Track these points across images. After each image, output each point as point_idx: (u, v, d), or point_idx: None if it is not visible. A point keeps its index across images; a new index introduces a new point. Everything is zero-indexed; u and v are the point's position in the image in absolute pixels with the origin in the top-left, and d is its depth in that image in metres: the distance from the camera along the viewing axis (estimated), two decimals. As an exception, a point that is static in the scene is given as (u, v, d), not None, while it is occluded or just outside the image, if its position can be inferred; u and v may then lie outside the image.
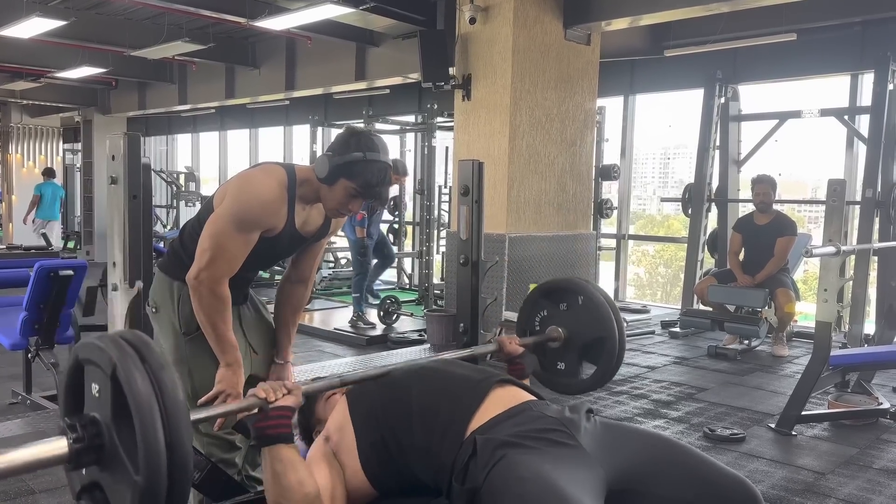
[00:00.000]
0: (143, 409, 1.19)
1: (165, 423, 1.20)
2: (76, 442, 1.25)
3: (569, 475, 1.40)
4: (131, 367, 1.21)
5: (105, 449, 1.27)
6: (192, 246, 2.06)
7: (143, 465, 1.18)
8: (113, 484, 1.29)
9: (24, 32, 7.45)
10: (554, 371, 2.34)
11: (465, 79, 5.86)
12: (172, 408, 1.21)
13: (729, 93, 6.68)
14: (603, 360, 2.25)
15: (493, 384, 1.66)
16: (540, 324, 2.36)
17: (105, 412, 1.26)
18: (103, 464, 1.29)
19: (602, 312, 2.23)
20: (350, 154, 1.93)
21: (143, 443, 1.18)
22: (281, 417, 1.57)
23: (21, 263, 5.41)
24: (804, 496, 2.88)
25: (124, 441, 1.24)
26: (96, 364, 1.28)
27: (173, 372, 1.27)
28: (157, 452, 1.18)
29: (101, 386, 1.27)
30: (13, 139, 14.42)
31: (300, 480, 1.55)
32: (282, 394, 1.59)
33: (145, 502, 1.20)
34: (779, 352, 5.50)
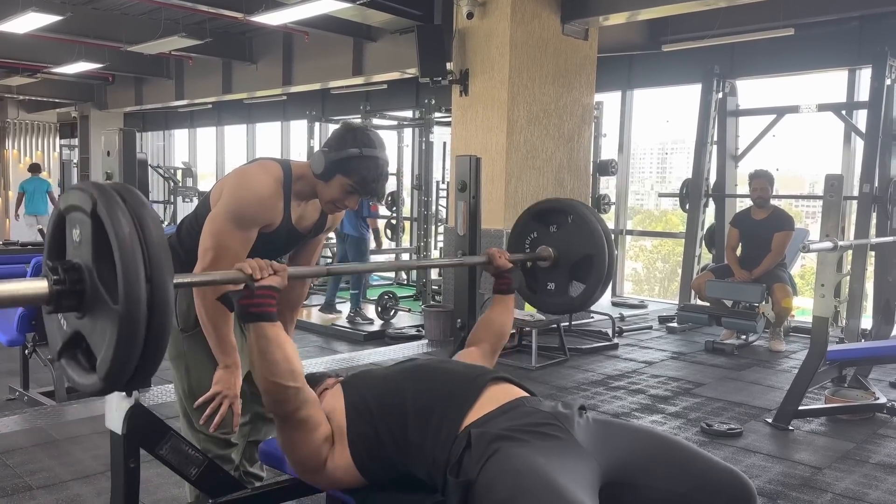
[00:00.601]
0: (122, 240, 1.19)
1: (145, 255, 1.21)
2: (57, 284, 1.26)
3: (563, 467, 1.40)
4: (112, 203, 1.22)
5: (86, 294, 1.28)
6: (189, 242, 2.06)
7: (122, 294, 1.19)
8: (93, 328, 1.29)
9: (20, 27, 7.43)
10: (544, 291, 2.36)
11: (463, 74, 5.85)
12: (152, 241, 1.22)
13: (726, 88, 6.67)
14: (592, 276, 2.25)
15: (488, 381, 1.66)
16: (530, 245, 2.38)
17: (86, 255, 1.27)
18: (83, 308, 1.29)
19: (591, 229, 2.23)
20: (346, 150, 1.92)
21: (122, 270, 1.19)
22: (265, 296, 1.58)
23: (18, 259, 5.41)
24: (801, 491, 2.89)
25: (105, 281, 1.24)
26: (77, 207, 1.28)
27: (153, 211, 1.28)
28: (137, 278, 1.19)
29: (82, 229, 1.27)
30: (9, 135, 14.40)
31: (286, 357, 1.57)
32: (268, 273, 1.59)
33: (125, 330, 1.20)
34: (776, 347, 5.50)
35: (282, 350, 1.57)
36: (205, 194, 2.13)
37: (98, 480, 2.79)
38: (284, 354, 1.57)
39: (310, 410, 1.63)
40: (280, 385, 1.57)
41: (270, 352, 1.56)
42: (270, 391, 1.59)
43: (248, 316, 1.57)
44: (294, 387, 1.58)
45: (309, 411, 1.63)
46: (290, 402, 1.59)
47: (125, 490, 1.62)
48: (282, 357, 1.56)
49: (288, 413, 1.60)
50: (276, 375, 1.56)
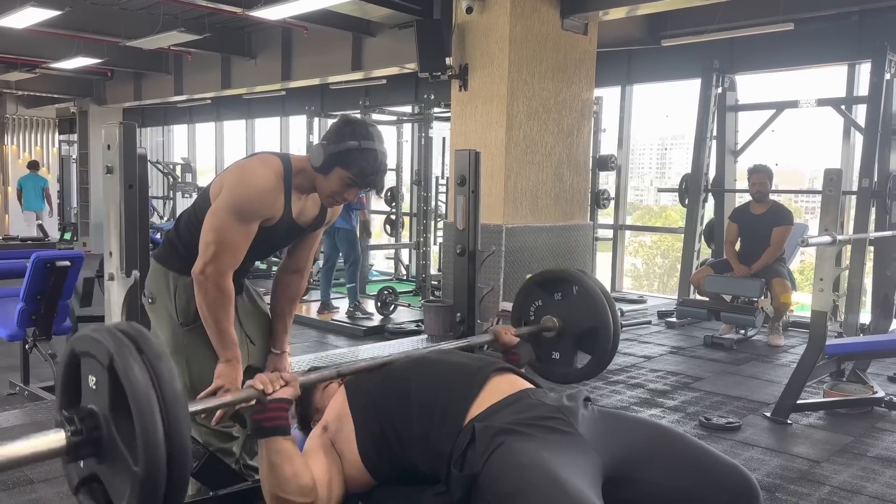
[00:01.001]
0: (141, 399, 1.19)
1: (164, 414, 1.20)
2: (74, 435, 1.25)
3: (566, 462, 1.41)
4: (129, 359, 1.21)
5: (103, 442, 1.27)
6: (188, 236, 2.06)
7: (142, 456, 1.18)
8: (111, 476, 1.29)
9: (18, 22, 7.41)
10: (549, 360, 2.36)
11: (462, 69, 5.84)
12: (171, 398, 1.21)
13: (726, 83, 6.67)
14: (597, 349, 2.26)
15: (491, 373, 1.66)
16: (535, 314, 2.37)
17: (103, 404, 1.26)
18: (101, 456, 1.29)
19: (596, 302, 2.24)
20: (345, 143, 1.93)
21: (141, 433, 1.18)
22: (278, 410, 1.58)
23: (18, 254, 5.41)
24: (799, 484, 2.90)
25: (122, 433, 1.24)
26: (93, 356, 1.28)
27: (171, 362, 1.27)
28: (156, 443, 1.18)
29: (99, 378, 1.26)
30: (8, 130, 14.38)
31: (296, 472, 1.56)
32: (279, 385, 1.59)
33: (145, 492, 1.20)
34: (775, 341, 5.52)
35: (292, 465, 1.56)
36: (204, 189, 2.13)
37: (99, 474, 2.79)
38: (294, 470, 1.56)
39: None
40: (289, 501, 1.56)
41: (282, 467, 1.55)
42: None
43: (262, 431, 1.58)
44: (304, 503, 1.58)
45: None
46: None
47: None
48: (291, 473, 1.56)
49: None
50: (285, 492, 1.56)
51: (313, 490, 1.58)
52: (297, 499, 1.56)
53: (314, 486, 1.59)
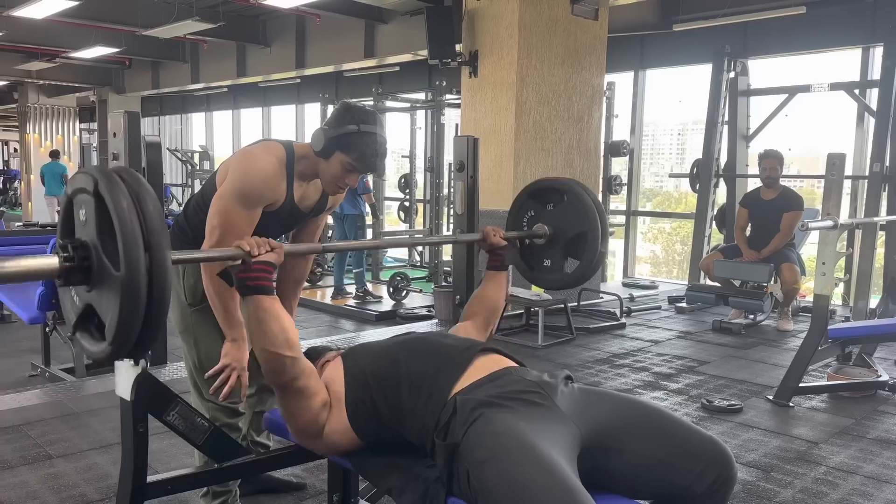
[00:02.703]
0: (121, 213, 1.29)
1: (143, 227, 1.30)
2: (66, 260, 1.37)
3: (542, 431, 1.47)
4: (111, 181, 1.33)
5: (93, 269, 1.38)
6: (196, 220, 2.14)
7: (122, 260, 1.29)
8: (101, 297, 1.39)
9: (37, 13, 7.55)
10: (540, 267, 2.42)
11: (472, 55, 5.88)
12: (150, 214, 1.32)
13: (738, 67, 6.64)
14: (586, 254, 2.30)
15: (477, 352, 1.73)
16: (528, 223, 2.43)
17: (91, 233, 1.38)
18: (92, 282, 1.40)
19: (585, 208, 2.28)
20: (345, 127, 1.98)
21: (122, 240, 1.28)
22: (262, 271, 1.66)
23: (37, 240, 5.55)
24: (795, 464, 2.95)
25: (109, 254, 1.34)
26: (83, 189, 1.39)
27: (150, 188, 1.37)
28: (136, 246, 1.29)
29: (87, 208, 1.38)
30: (30, 119, 14.61)
31: (282, 327, 1.65)
32: (265, 249, 1.67)
33: (126, 295, 1.29)
34: (783, 326, 5.53)
35: (278, 321, 1.64)
36: (210, 175, 2.21)
37: (114, 450, 2.91)
38: (281, 325, 1.64)
39: (307, 379, 1.71)
40: (277, 354, 1.65)
41: (267, 323, 1.63)
42: (268, 361, 1.66)
43: (245, 289, 1.65)
44: (290, 356, 1.66)
45: (306, 380, 1.71)
46: (287, 372, 1.67)
47: (135, 452, 1.71)
48: (278, 328, 1.64)
49: (286, 382, 1.68)
50: (273, 346, 1.64)
51: (298, 348, 1.68)
52: (285, 351, 1.65)
53: (297, 342, 1.69)
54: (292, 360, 1.67)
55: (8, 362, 4.82)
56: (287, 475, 2.66)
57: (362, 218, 6.83)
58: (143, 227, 1.31)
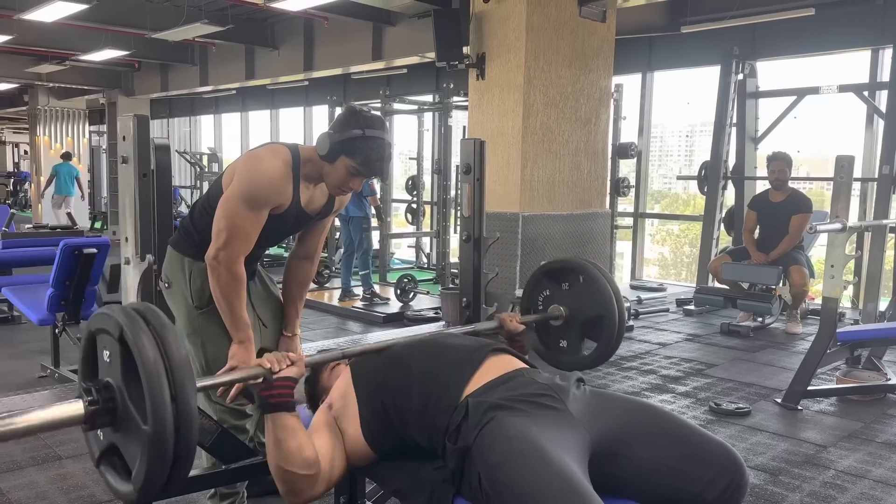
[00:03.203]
0: (148, 364, 1.30)
1: (170, 377, 1.31)
2: (91, 404, 1.37)
3: (553, 436, 1.48)
4: (137, 329, 1.33)
5: (118, 411, 1.38)
6: (202, 223, 2.15)
7: (150, 416, 1.29)
8: (127, 442, 1.40)
9: (48, 16, 7.60)
10: (557, 349, 2.41)
11: (479, 58, 5.87)
12: (176, 363, 1.33)
13: (746, 69, 6.63)
14: (603, 336, 2.31)
15: (488, 353, 1.73)
16: (543, 303, 2.43)
17: (116, 375, 1.38)
18: (117, 424, 1.40)
19: (602, 291, 2.29)
20: (349, 131, 1.99)
21: (149, 395, 1.29)
22: (284, 387, 1.67)
23: (48, 242, 5.59)
24: (803, 468, 2.94)
25: (135, 400, 1.35)
26: (106, 331, 1.39)
27: (175, 331, 1.38)
28: (163, 402, 1.29)
29: (111, 351, 1.38)
30: (40, 121, 14.70)
31: (300, 446, 1.65)
32: (286, 364, 1.68)
33: (154, 450, 1.30)
34: (792, 329, 5.51)
35: (296, 440, 1.64)
36: (216, 178, 2.22)
37: (123, 451, 2.92)
38: (298, 444, 1.64)
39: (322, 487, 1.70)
40: (294, 474, 1.65)
41: (286, 442, 1.63)
42: (285, 479, 1.66)
43: (268, 407, 1.66)
44: (307, 475, 1.65)
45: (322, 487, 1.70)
46: (303, 491, 1.67)
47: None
48: (296, 447, 1.64)
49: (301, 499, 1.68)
50: (290, 464, 1.64)
51: (316, 463, 1.67)
52: (301, 471, 1.65)
53: (317, 460, 1.67)
54: (308, 478, 1.66)
55: (17, 363, 4.85)
56: (294, 477, 2.66)
57: (368, 220, 6.85)
58: (169, 378, 1.31)
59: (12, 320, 5.99)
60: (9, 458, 2.88)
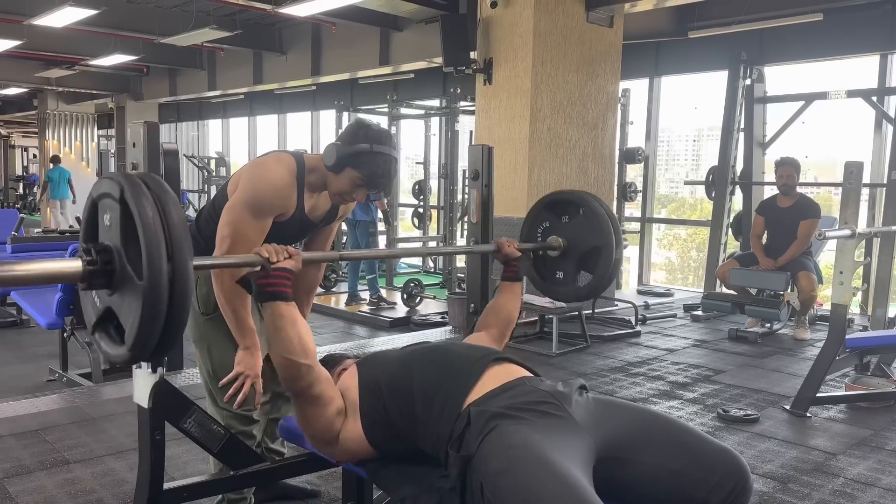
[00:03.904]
0: (146, 223, 1.31)
1: (167, 236, 1.32)
2: (90, 264, 1.39)
3: (557, 443, 1.47)
4: (137, 190, 1.35)
5: (115, 273, 1.40)
6: (208, 230, 2.16)
7: (146, 271, 1.30)
8: (122, 303, 1.41)
9: (58, 21, 7.66)
10: (553, 279, 2.42)
11: (487, 63, 5.89)
12: (174, 224, 1.34)
13: (754, 74, 6.62)
14: (599, 268, 2.31)
15: (490, 361, 1.73)
16: (542, 235, 2.44)
17: (115, 238, 1.39)
18: (114, 286, 1.42)
19: (600, 222, 2.28)
20: (357, 145, 2.01)
21: (146, 251, 1.30)
22: (280, 277, 1.68)
23: (56, 246, 5.62)
24: (813, 475, 2.92)
25: (132, 261, 1.36)
26: (108, 195, 1.41)
27: (175, 198, 1.39)
28: (159, 258, 1.30)
29: (112, 214, 1.39)
30: (49, 125, 14.80)
31: (298, 334, 1.67)
32: (283, 257, 1.70)
33: (148, 304, 1.31)
34: (801, 335, 5.48)
35: (295, 329, 1.66)
36: (222, 185, 2.23)
37: (131, 456, 2.93)
38: (297, 333, 1.67)
39: (322, 387, 1.72)
40: (293, 362, 1.66)
41: (285, 329, 1.65)
42: (285, 367, 1.68)
43: (264, 295, 1.68)
44: (306, 364, 1.67)
45: (321, 387, 1.72)
46: (303, 379, 1.68)
47: (151, 459, 1.73)
48: (295, 335, 1.66)
49: (302, 388, 1.70)
50: (289, 352, 1.66)
51: (314, 355, 1.69)
52: (301, 359, 1.66)
53: (314, 352, 1.70)
54: (308, 367, 1.68)
55: (26, 367, 4.87)
56: (301, 482, 2.67)
57: (375, 224, 6.86)
58: (166, 237, 1.33)
59: (21, 324, 6.02)
60: (17, 461, 2.89)
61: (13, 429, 3.25)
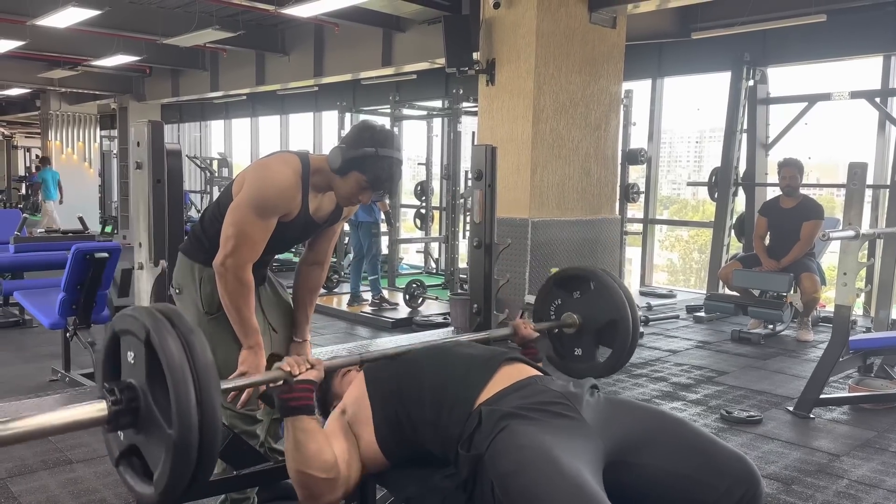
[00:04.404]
0: (175, 368, 1.29)
1: (196, 381, 1.30)
2: (114, 405, 1.37)
3: (566, 444, 1.47)
4: (163, 332, 1.33)
5: (141, 412, 1.38)
6: (212, 230, 2.16)
7: (176, 420, 1.29)
8: (148, 444, 1.40)
9: (60, 22, 7.66)
10: (571, 357, 2.40)
11: (489, 64, 5.88)
12: (202, 367, 1.32)
13: (757, 75, 6.61)
14: (618, 342, 2.30)
15: (501, 361, 1.73)
16: (555, 312, 2.43)
17: (140, 377, 1.38)
18: (139, 426, 1.40)
19: (613, 296, 2.28)
20: (363, 148, 2.01)
21: (175, 399, 1.29)
22: (304, 391, 1.68)
23: (59, 246, 5.62)
24: (817, 477, 2.91)
25: (158, 402, 1.35)
26: (132, 333, 1.39)
27: (202, 335, 1.38)
28: (189, 406, 1.28)
29: (136, 352, 1.38)
30: (52, 126, 14.81)
31: (319, 449, 1.65)
32: (305, 368, 1.69)
33: (178, 454, 1.30)
34: (803, 337, 5.47)
35: (316, 443, 1.65)
36: (227, 185, 2.23)
37: (133, 456, 2.93)
38: (318, 447, 1.65)
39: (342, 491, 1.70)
40: (313, 477, 1.65)
41: (306, 445, 1.64)
42: (304, 484, 1.66)
43: (288, 410, 1.67)
44: (326, 478, 1.66)
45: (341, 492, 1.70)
46: (323, 496, 1.67)
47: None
48: (315, 450, 1.64)
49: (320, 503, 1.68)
50: (309, 468, 1.64)
51: (335, 466, 1.67)
52: (320, 474, 1.65)
53: (335, 464, 1.67)
54: (327, 481, 1.66)
55: (28, 367, 4.87)
56: (304, 483, 2.66)
57: (377, 225, 6.86)
58: (195, 383, 1.30)
59: (24, 324, 6.02)
60: (20, 461, 2.89)
61: (16, 428, 3.25)
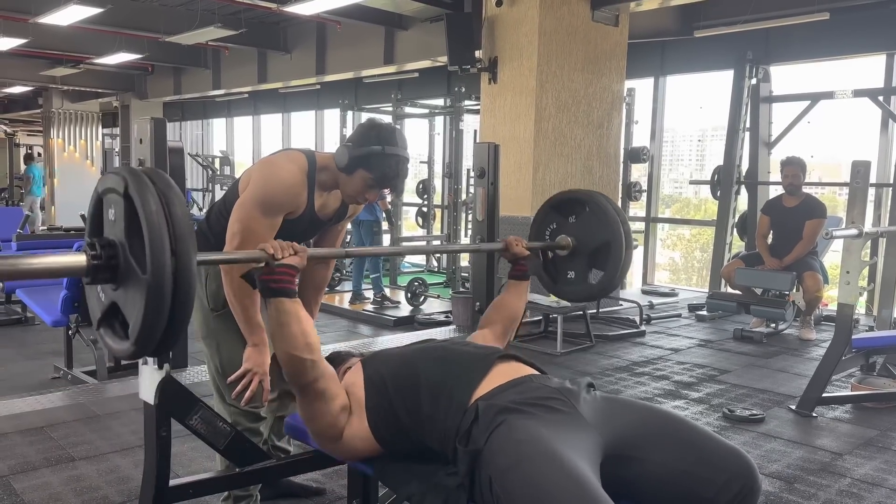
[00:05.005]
0: (150, 217, 1.32)
1: (171, 231, 1.33)
2: (94, 259, 1.40)
3: (565, 438, 1.47)
4: (141, 184, 1.36)
5: (119, 267, 1.41)
6: (218, 227, 2.16)
7: (149, 265, 1.31)
8: (126, 297, 1.42)
9: (63, 20, 7.67)
10: (564, 280, 2.41)
11: (492, 62, 5.88)
12: (178, 218, 1.34)
13: (760, 74, 6.60)
14: (610, 262, 2.29)
15: (497, 359, 1.73)
16: (550, 235, 2.43)
17: (119, 232, 1.40)
18: (118, 281, 1.43)
19: (608, 217, 2.27)
20: (369, 146, 2.01)
21: (149, 244, 1.31)
22: (285, 273, 1.68)
23: (62, 244, 5.62)
24: (819, 475, 2.91)
25: (136, 254, 1.37)
26: (112, 189, 1.42)
27: (179, 192, 1.40)
28: (163, 250, 1.31)
29: (116, 209, 1.40)
30: (54, 124, 14.81)
31: (303, 330, 1.67)
32: (288, 253, 1.70)
33: (152, 299, 1.32)
34: (806, 335, 5.46)
35: (299, 324, 1.66)
36: (233, 182, 2.23)
37: (136, 453, 2.93)
38: (301, 328, 1.66)
39: (326, 382, 1.72)
40: (297, 357, 1.66)
41: (289, 325, 1.65)
42: (289, 363, 1.68)
43: (268, 291, 1.67)
44: (310, 359, 1.67)
45: (325, 383, 1.71)
46: (307, 374, 1.68)
47: (157, 457, 1.73)
48: (299, 331, 1.66)
49: (306, 384, 1.70)
50: (294, 348, 1.66)
51: (318, 350, 1.69)
52: (305, 354, 1.66)
53: (319, 346, 1.70)
54: (312, 362, 1.68)
55: (31, 364, 4.88)
56: (307, 480, 2.67)
57: (378, 224, 6.86)
58: (170, 232, 1.33)
59: (26, 322, 6.03)
60: (23, 458, 2.89)
61: (18, 426, 3.25)
